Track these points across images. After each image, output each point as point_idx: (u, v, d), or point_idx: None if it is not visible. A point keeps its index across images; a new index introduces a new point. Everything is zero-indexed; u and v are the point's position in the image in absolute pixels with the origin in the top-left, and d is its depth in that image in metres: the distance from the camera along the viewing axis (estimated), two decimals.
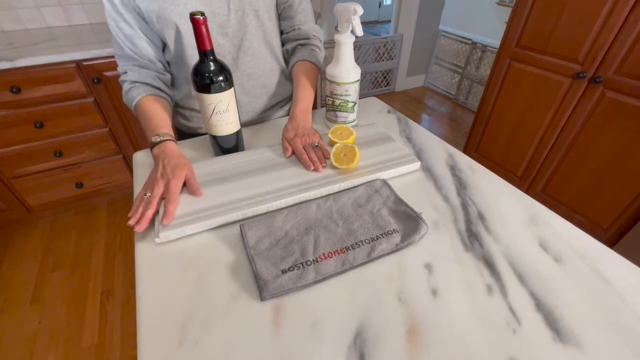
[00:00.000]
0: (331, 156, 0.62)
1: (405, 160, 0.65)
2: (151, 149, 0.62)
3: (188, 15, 0.62)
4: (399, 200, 0.56)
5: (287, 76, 0.85)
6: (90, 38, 1.49)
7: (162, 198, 0.54)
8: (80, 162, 1.59)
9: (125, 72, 0.68)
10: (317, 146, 0.65)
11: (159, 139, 0.61)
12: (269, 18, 0.74)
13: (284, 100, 0.89)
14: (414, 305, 0.42)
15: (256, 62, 0.76)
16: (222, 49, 0.71)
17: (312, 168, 0.62)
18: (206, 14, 0.58)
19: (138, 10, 0.63)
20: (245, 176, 0.61)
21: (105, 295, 1.37)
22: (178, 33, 0.66)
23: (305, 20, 0.80)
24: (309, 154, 0.63)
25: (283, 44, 0.82)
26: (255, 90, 0.80)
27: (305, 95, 0.74)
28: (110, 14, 0.63)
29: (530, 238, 0.51)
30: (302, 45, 0.81)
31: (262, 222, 0.51)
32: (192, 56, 0.70)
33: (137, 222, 0.50)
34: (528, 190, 1.73)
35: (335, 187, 0.59)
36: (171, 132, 0.65)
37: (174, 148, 0.61)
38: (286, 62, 0.84)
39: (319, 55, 0.83)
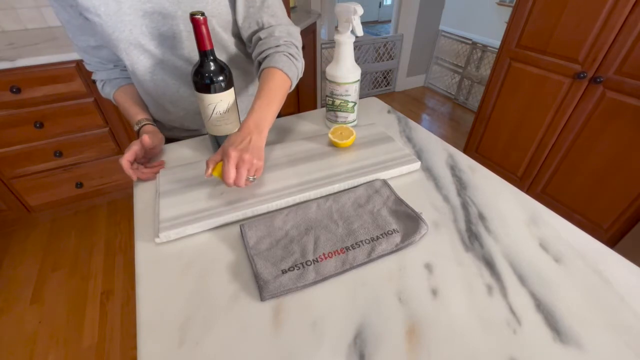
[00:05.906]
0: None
1: (405, 160, 0.65)
2: (137, 134, 0.71)
3: (133, 42, 0.61)
4: (399, 200, 0.56)
5: None
6: None
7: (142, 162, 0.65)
8: (80, 162, 1.59)
9: (94, 72, 0.74)
10: (252, 180, 0.54)
11: (137, 127, 0.70)
12: (224, 30, 0.67)
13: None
14: (414, 305, 0.42)
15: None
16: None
17: (232, 183, 0.51)
18: (153, 37, 0.62)
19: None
20: None
21: (105, 295, 1.37)
22: (129, 59, 0.64)
23: (273, 20, 0.66)
24: (238, 173, 0.50)
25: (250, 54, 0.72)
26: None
27: (262, 104, 0.58)
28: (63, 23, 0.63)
29: (531, 238, 0.51)
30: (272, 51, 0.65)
31: (262, 222, 0.51)
32: (152, 80, 0.68)
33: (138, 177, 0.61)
34: (528, 190, 1.73)
35: (336, 187, 0.59)
36: (147, 115, 0.73)
37: (148, 129, 0.69)
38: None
39: (295, 64, 0.66)
